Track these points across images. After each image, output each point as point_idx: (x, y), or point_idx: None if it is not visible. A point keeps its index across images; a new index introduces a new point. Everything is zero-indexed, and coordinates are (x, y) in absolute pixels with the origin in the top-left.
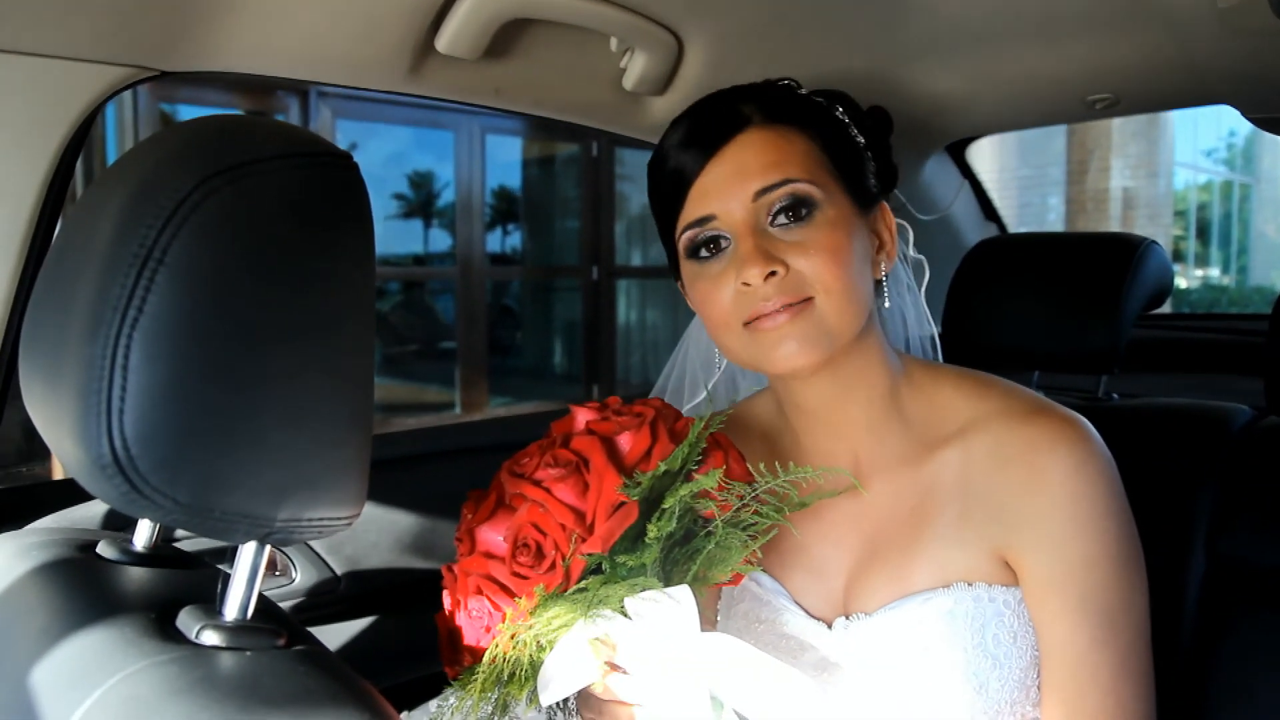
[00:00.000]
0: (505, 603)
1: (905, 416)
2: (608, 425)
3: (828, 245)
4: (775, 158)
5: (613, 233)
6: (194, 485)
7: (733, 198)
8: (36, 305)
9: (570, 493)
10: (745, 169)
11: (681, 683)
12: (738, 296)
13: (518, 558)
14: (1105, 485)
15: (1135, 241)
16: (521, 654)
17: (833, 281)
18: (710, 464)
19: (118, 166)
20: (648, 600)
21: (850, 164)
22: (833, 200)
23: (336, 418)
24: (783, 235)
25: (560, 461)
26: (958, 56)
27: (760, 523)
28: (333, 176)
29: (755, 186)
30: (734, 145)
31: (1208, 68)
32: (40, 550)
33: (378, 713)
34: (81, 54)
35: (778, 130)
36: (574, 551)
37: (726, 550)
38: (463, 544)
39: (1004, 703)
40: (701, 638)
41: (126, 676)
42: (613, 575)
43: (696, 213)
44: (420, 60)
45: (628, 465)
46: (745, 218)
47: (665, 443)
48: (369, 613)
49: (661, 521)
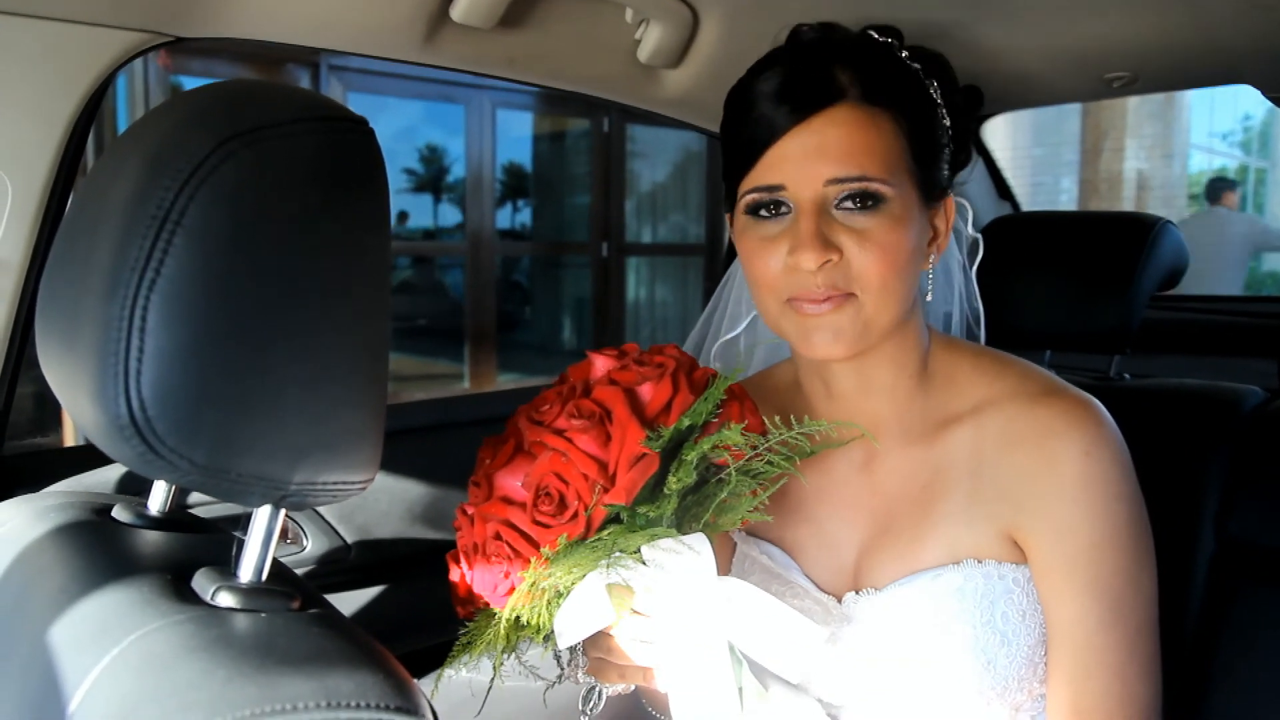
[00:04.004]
0: (525, 550)
1: (925, 394)
2: (629, 375)
3: (885, 240)
4: (859, 144)
5: (623, 209)
6: (211, 446)
7: (806, 175)
8: (53, 268)
9: (593, 443)
10: (826, 149)
11: (699, 628)
12: (786, 270)
13: (540, 506)
14: (1116, 468)
15: (1150, 221)
16: (540, 600)
17: (880, 279)
18: (726, 414)
19: (135, 130)
20: (666, 550)
21: (928, 156)
22: (901, 195)
23: (352, 380)
24: (845, 220)
25: (584, 412)
26: (975, 32)
27: (769, 471)
28: (349, 141)
29: (831, 172)
30: (821, 119)
31: (1228, 45)
32: (57, 513)
33: (391, 674)
34: (97, 18)
35: (868, 113)
36: (597, 501)
37: (737, 497)
38: (480, 488)
39: (1011, 679)
40: (718, 581)
41: (144, 634)
42: (631, 524)
43: (767, 178)
44: (435, 29)
45: (649, 416)
46: (813, 196)
47: (686, 394)
48: (378, 582)
49: (681, 473)
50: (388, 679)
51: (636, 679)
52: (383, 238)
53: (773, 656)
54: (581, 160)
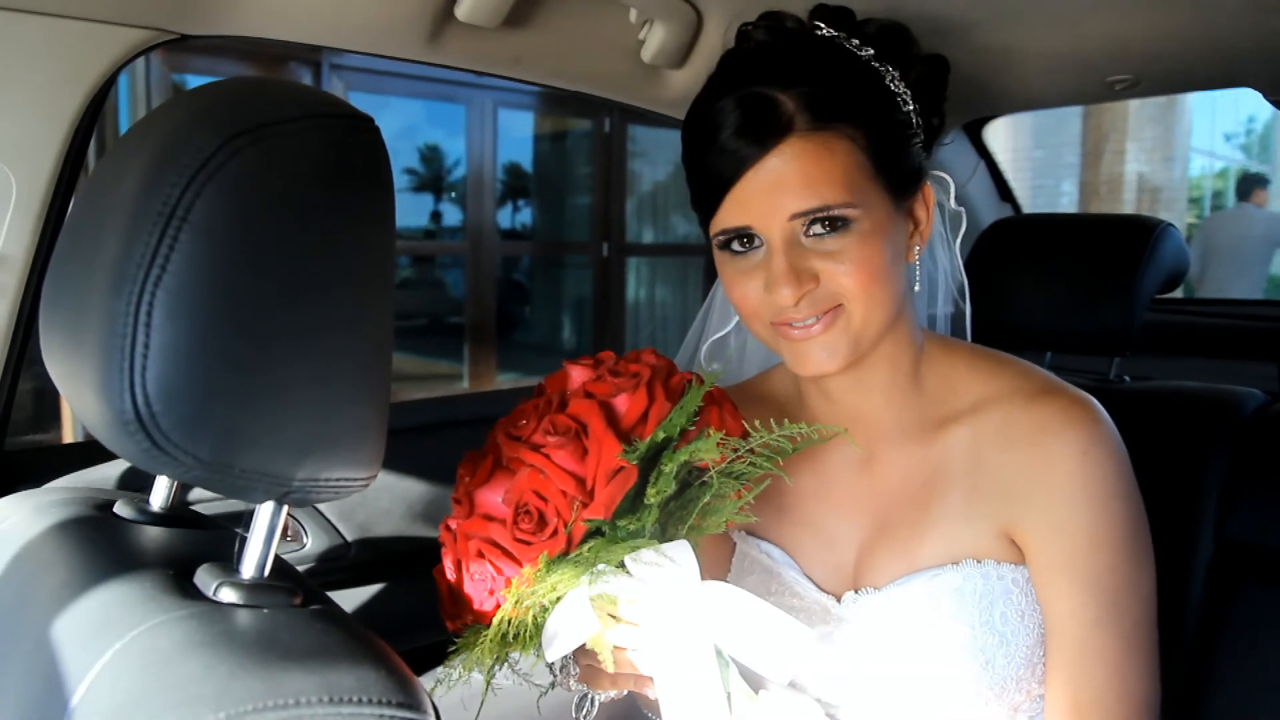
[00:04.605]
0: (508, 567)
1: (921, 394)
2: (604, 387)
3: (860, 257)
4: (815, 175)
5: (624, 209)
6: (215, 442)
7: (769, 211)
8: (58, 264)
9: (570, 459)
10: (783, 185)
11: (685, 635)
12: (767, 300)
13: (520, 524)
14: (1114, 467)
15: (1151, 224)
16: (525, 615)
17: (863, 291)
18: (705, 420)
19: (141, 126)
20: (647, 563)
21: (894, 155)
22: (869, 211)
23: (356, 377)
24: (815, 246)
25: (559, 428)
26: (977, 34)
27: (753, 472)
28: (354, 138)
29: (793, 207)
30: (774, 155)
31: (1230, 48)
32: (59, 508)
33: (393, 670)
34: (103, 15)
35: (819, 139)
36: (576, 518)
37: (721, 499)
38: (461, 505)
39: (1010, 679)
40: (702, 586)
41: (147, 630)
42: (613, 537)
43: (733, 220)
44: (439, 27)
45: (625, 428)
46: (780, 232)
47: (662, 402)
48: (378, 579)
49: (660, 484)
50: (390, 675)
51: (628, 685)
52: (387, 235)
53: (760, 658)
54: (582, 160)
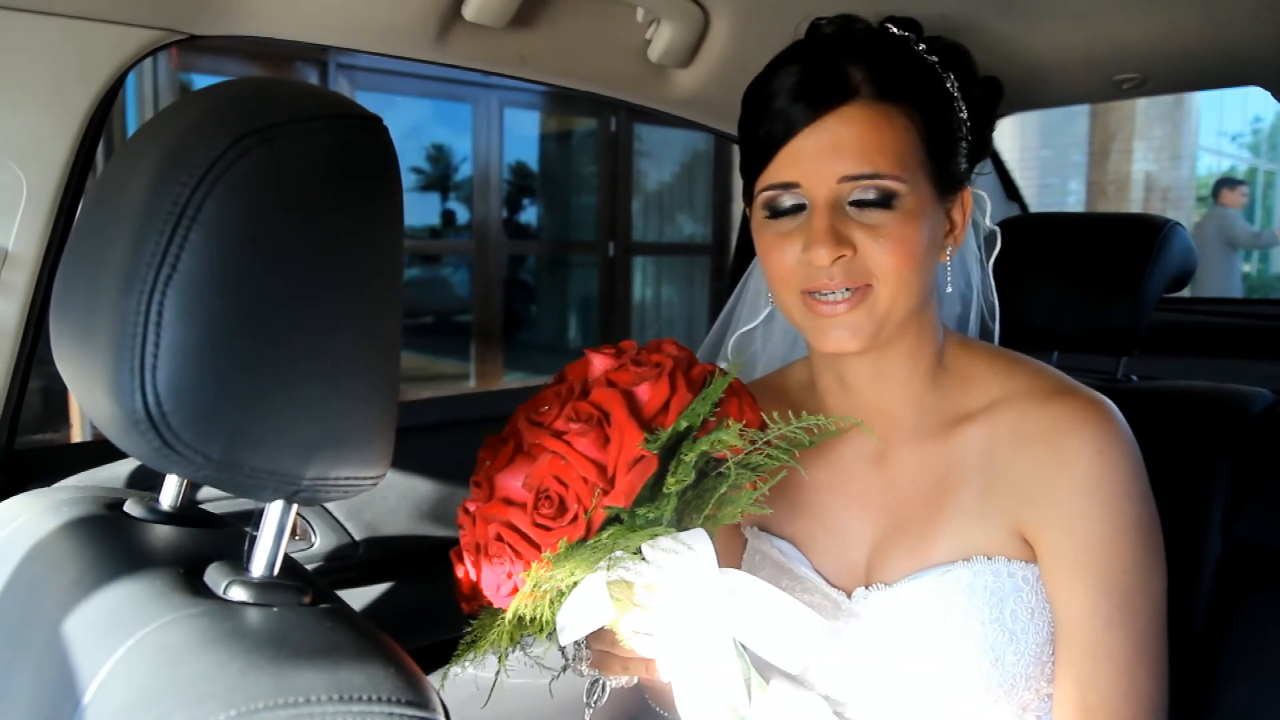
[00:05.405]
0: (527, 551)
1: (939, 391)
2: (626, 375)
3: (899, 235)
4: (872, 142)
5: (630, 209)
6: (225, 441)
7: (820, 172)
8: (68, 263)
9: (592, 446)
10: (839, 147)
11: (702, 622)
12: (801, 263)
13: (540, 509)
14: (1127, 468)
15: (1159, 223)
16: (542, 600)
17: (894, 272)
18: (725, 411)
19: (150, 126)
20: (665, 550)
21: (944, 150)
22: (915, 191)
23: (365, 376)
24: (858, 216)
25: (582, 415)
26: (984, 32)
27: (769, 464)
28: (364, 138)
29: (845, 170)
30: (835, 116)
31: (1238, 47)
32: (69, 506)
33: (402, 668)
34: (112, 15)
35: (881, 110)
36: (596, 504)
37: (737, 490)
38: (481, 489)
39: (1019, 677)
40: (719, 574)
41: (158, 627)
42: (631, 525)
43: (782, 175)
44: (446, 27)
45: (646, 417)
46: (827, 193)
47: (683, 393)
48: (386, 578)
49: (680, 473)
50: (399, 673)
51: (639, 671)
52: (396, 234)
53: (774, 647)
54: (588, 159)
